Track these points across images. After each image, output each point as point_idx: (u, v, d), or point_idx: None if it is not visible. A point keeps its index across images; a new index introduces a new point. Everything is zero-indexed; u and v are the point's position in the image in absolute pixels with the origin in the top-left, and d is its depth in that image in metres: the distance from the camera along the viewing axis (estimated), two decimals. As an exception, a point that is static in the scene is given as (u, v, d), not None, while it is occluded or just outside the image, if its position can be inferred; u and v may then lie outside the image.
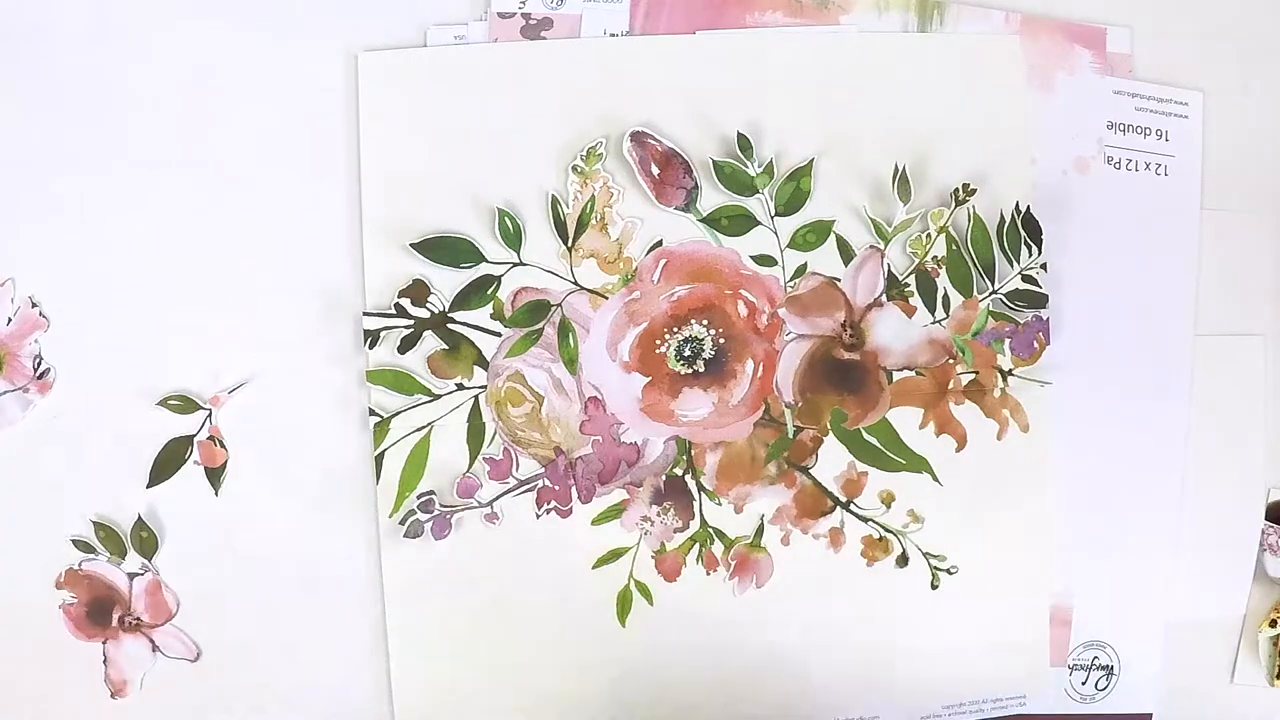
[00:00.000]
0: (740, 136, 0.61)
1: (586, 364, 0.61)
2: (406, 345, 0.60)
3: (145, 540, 0.60)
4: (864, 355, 0.63)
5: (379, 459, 0.60)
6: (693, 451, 0.62)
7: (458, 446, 0.61)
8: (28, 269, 0.59)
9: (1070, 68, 0.64)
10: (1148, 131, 0.65)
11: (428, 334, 0.60)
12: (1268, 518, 0.66)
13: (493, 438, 0.61)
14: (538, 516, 0.61)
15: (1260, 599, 0.66)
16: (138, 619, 0.60)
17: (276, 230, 0.60)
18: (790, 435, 0.63)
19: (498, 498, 0.61)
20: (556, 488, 0.61)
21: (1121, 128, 0.65)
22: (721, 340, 0.62)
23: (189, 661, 0.61)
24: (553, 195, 0.60)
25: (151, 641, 0.60)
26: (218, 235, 0.60)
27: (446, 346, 0.60)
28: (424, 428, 0.60)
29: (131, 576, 0.60)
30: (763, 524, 0.63)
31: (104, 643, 0.60)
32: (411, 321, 0.60)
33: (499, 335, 0.61)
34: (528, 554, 0.61)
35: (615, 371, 0.61)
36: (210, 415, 0.60)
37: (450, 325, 0.60)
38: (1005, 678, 0.66)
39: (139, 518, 0.60)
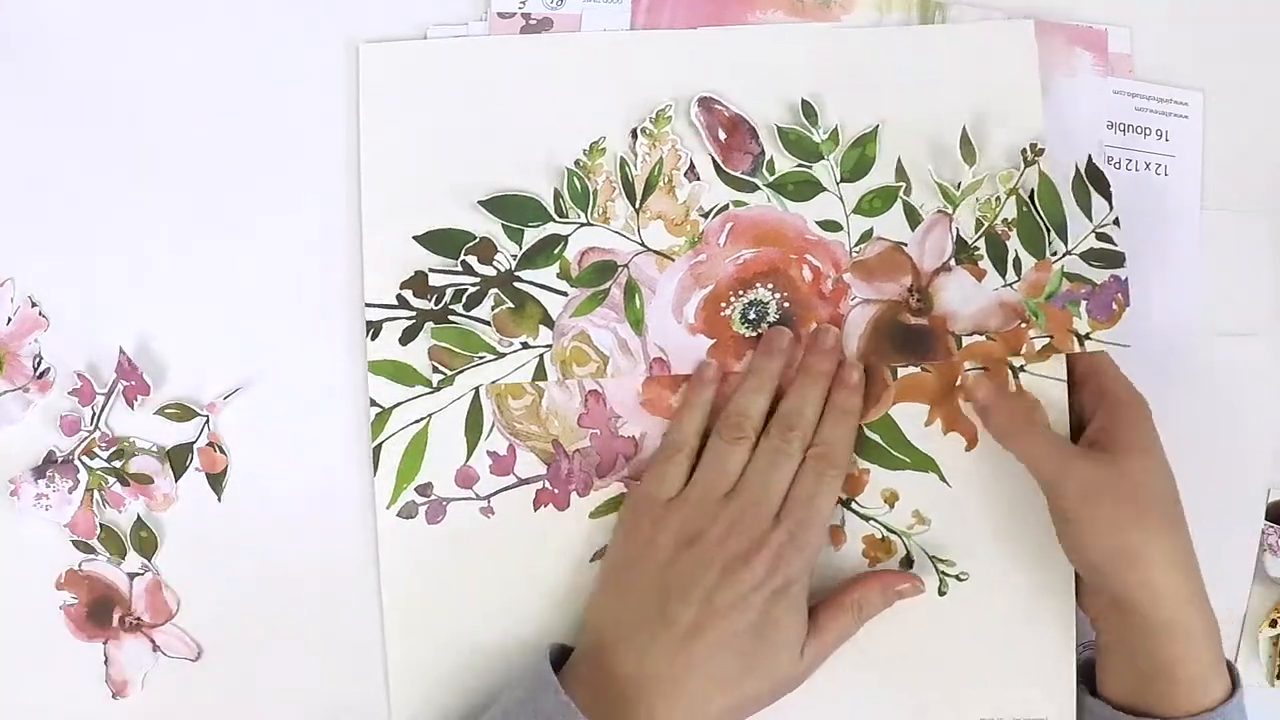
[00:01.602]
0: (804, 104, 0.61)
1: (652, 325, 0.61)
2: (408, 337, 0.60)
3: (145, 540, 0.60)
4: (932, 320, 0.62)
5: (377, 450, 0.60)
6: (690, 446, 0.62)
7: (456, 438, 0.60)
8: (28, 269, 0.60)
9: (1071, 70, 0.64)
10: (1148, 131, 0.65)
11: (493, 291, 0.60)
12: (1268, 518, 0.66)
13: (490, 430, 0.61)
14: (535, 511, 0.61)
15: (1260, 599, 0.66)
16: (138, 619, 0.60)
17: (278, 223, 0.60)
18: None
19: (495, 493, 0.61)
20: (556, 491, 0.61)
21: (1121, 128, 0.65)
22: (786, 304, 0.61)
23: (189, 661, 0.61)
24: (621, 157, 0.61)
25: (152, 641, 0.60)
26: (219, 229, 0.60)
27: (512, 305, 0.60)
28: (423, 419, 0.60)
29: (131, 576, 0.60)
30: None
31: (104, 643, 0.60)
32: (413, 313, 0.60)
33: (565, 295, 0.61)
34: (524, 547, 0.61)
35: (681, 333, 0.61)
36: (208, 422, 0.60)
37: (516, 283, 0.60)
38: (1024, 697, 0.61)
39: (139, 518, 0.60)
